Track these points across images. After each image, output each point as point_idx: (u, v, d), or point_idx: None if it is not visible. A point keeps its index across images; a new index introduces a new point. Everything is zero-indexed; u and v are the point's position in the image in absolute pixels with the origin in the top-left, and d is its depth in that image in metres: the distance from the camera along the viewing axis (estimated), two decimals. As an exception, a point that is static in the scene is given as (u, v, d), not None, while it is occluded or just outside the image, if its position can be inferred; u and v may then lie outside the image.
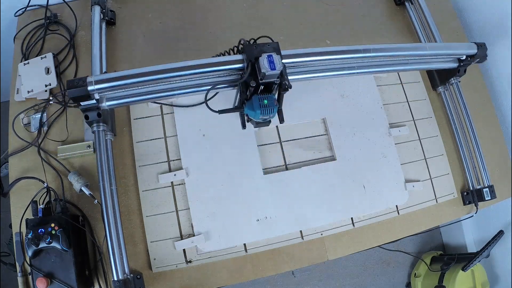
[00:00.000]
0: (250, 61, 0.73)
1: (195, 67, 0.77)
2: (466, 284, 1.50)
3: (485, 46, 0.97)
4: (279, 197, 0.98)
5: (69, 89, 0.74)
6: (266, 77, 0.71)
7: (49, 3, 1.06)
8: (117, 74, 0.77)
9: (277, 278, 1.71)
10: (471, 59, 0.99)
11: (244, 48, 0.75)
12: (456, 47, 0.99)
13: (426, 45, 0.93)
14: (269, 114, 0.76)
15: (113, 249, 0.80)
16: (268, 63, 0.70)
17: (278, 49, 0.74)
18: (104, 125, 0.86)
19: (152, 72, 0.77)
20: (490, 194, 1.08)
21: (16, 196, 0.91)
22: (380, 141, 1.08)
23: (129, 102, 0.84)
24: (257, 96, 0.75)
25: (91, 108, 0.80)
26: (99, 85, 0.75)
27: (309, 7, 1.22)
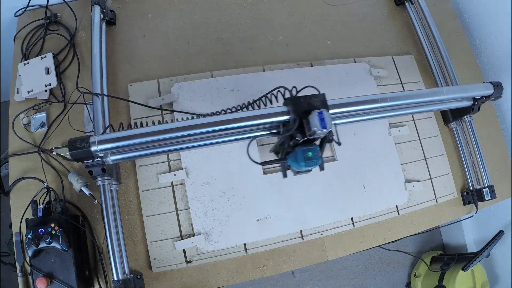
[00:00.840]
0: (298, 116, 0.68)
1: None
2: (466, 284, 1.50)
3: (501, 86, 0.93)
4: (279, 197, 0.98)
5: (71, 151, 0.69)
6: (316, 135, 0.68)
7: (49, 3, 1.06)
8: (123, 134, 0.70)
9: (277, 278, 1.71)
10: (486, 98, 0.96)
11: (291, 101, 0.71)
12: (473, 89, 0.95)
13: (443, 90, 0.86)
14: (313, 166, 0.73)
15: (113, 249, 0.80)
16: (319, 120, 0.66)
17: (325, 102, 0.71)
18: (109, 178, 0.82)
19: (166, 131, 0.69)
20: (490, 194, 1.08)
21: (16, 196, 0.91)
22: (380, 141, 1.08)
23: (137, 156, 0.78)
24: (301, 148, 0.71)
25: (95, 164, 0.75)
26: (103, 145, 0.70)
27: (309, 7, 1.22)
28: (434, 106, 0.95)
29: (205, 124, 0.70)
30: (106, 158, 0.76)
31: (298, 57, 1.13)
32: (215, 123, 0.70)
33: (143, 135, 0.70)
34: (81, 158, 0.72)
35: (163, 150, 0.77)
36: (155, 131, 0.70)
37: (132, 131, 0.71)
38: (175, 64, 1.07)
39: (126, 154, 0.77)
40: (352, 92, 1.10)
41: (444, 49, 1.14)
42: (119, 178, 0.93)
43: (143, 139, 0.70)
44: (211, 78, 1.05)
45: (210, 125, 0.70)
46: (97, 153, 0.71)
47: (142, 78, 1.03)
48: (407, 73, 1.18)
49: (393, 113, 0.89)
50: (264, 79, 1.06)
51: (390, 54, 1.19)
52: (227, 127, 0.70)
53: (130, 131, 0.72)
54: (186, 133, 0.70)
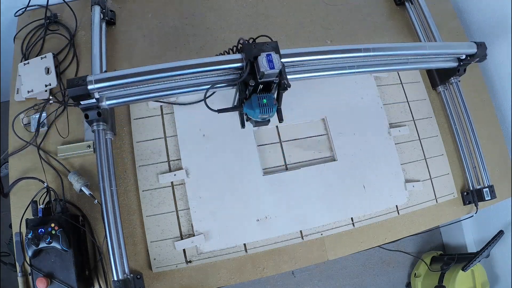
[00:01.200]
0: (249, 60, 0.73)
1: (194, 66, 0.77)
2: (466, 284, 1.50)
3: (484, 45, 0.97)
4: (279, 197, 0.98)
5: (69, 88, 0.74)
6: (265, 76, 0.71)
7: (49, 3, 1.06)
8: (117, 73, 0.77)
9: (277, 278, 1.71)
10: (470, 59, 0.99)
11: (243, 47, 0.76)
12: (456, 47, 0.99)
13: (426, 45, 0.93)
14: (268, 113, 0.76)
15: (113, 249, 0.80)
16: (267, 62, 0.69)
17: (277, 49, 0.74)
18: (104, 124, 0.86)
19: (151, 71, 0.77)
20: (490, 194, 1.08)
21: (16, 196, 0.91)
22: (380, 141, 1.08)
23: (129, 101, 0.84)
24: (256, 95, 0.75)
25: (91, 107, 0.80)
26: (99, 84, 0.75)
27: (310, 7, 1.22)
28: (420, 65, 0.98)
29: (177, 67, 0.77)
30: (102, 103, 0.81)
31: (298, 57, 1.13)
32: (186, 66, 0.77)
33: (137, 74, 0.77)
34: (78, 96, 0.75)
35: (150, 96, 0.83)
36: (144, 71, 0.77)
37: (126, 71, 0.77)
38: (175, 64, 1.07)
39: (121, 99, 0.82)
40: (352, 92, 1.11)
41: (444, 49, 1.14)
42: (114, 128, 0.96)
43: (137, 78, 0.76)
44: (211, 78, 1.05)
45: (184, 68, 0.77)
46: (93, 91, 0.75)
47: (142, 78, 1.03)
48: (407, 73, 1.18)
49: (377, 68, 0.92)
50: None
51: (390, 54, 1.19)
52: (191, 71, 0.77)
53: (124, 70, 0.77)
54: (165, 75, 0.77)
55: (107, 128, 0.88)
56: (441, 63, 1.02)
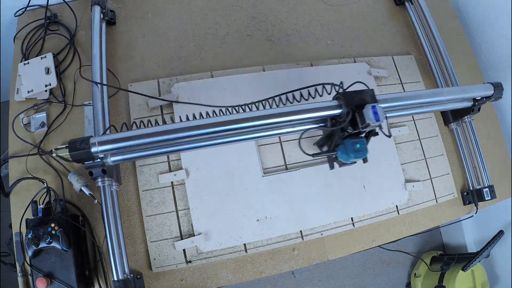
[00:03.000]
0: (352, 109, 0.73)
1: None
2: (466, 284, 1.50)
3: (501, 87, 0.94)
4: (279, 197, 0.98)
5: (71, 152, 0.69)
6: (369, 127, 0.72)
7: (49, 3, 1.06)
8: (123, 135, 0.70)
9: (277, 278, 1.71)
10: (486, 99, 0.96)
11: (343, 96, 0.75)
12: (473, 90, 0.95)
13: (443, 91, 0.88)
14: (361, 157, 0.78)
15: (113, 249, 0.80)
16: (373, 114, 0.70)
17: (374, 97, 0.75)
18: (109, 179, 0.82)
19: (168, 131, 0.69)
20: (490, 194, 1.08)
21: (16, 196, 0.91)
22: (380, 141, 1.07)
23: (138, 157, 0.77)
24: (351, 140, 0.76)
25: (95, 165, 0.75)
26: (103, 146, 0.70)
27: (310, 7, 1.22)
28: (435, 107, 0.95)
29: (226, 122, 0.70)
30: (106, 159, 0.75)
31: (298, 57, 1.13)
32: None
33: (144, 136, 0.70)
34: (81, 159, 0.72)
35: (165, 151, 0.77)
36: (156, 132, 0.70)
37: (132, 132, 0.71)
38: (175, 64, 1.07)
39: (127, 155, 0.77)
40: (352, 92, 1.10)
41: (444, 49, 1.14)
42: (119, 179, 0.93)
43: (143, 140, 0.70)
44: (211, 78, 1.05)
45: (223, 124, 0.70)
46: (97, 154, 0.71)
47: (142, 78, 1.03)
48: (407, 73, 1.18)
49: (393, 114, 0.89)
50: (264, 79, 1.06)
51: (390, 54, 1.19)
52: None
53: (130, 132, 0.72)
54: (189, 134, 0.70)
55: (112, 181, 0.84)
56: (456, 104, 0.98)
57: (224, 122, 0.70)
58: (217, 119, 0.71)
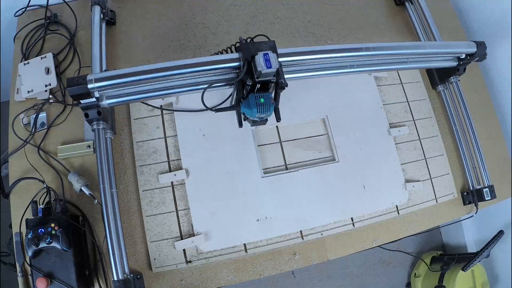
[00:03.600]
0: (247, 59, 0.73)
1: (191, 65, 0.77)
2: (466, 284, 1.50)
3: (484, 45, 0.97)
4: (279, 197, 0.98)
5: (69, 87, 0.74)
6: (262, 76, 0.71)
7: (49, 3, 1.06)
8: (117, 72, 0.77)
9: (277, 278, 1.71)
10: (470, 58, 0.99)
11: (241, 46, 0.75)
12: (456, 46, 0.99)
13: (425, 44, 0.93)
14: (265, 112, 0.76)
15: (113, 249, 0.80)
16: (264, 61, 0.69)
17: (275, 48, 0.74)
18: (104, 123, 0.87)
19: (150, 70, 0.76)
20: (490, 194, 1.08)
21: (16, 196, 0.91)
22: (380, 141, 1.08)
23: (129, 100, 0.84)
24: (254, 94, 0.75)
25: (91, 106, 0.80)
26: (99, 83, 0.75)
27: (309, 7, 1.22)
28: (419, 64, 0.98)
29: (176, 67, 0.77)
30: (102, 102, 0.80)
31: (298, 57, 1.13)
32: (184, 66, 0.77)
33: (137, 73, 0.76)
34: (78, 95, 0.76)
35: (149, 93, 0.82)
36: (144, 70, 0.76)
37: (126, 70, 0.77)
38: (175, 64, 1.07)
39: (121, 98, 0.82)
40: (352, 92, 1.11)
41: (444, 49, 1.14)
42: (114, 127, 0.96)
43: (137, 77, 0.76)
44: (211, 78, 1.05)
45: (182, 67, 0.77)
46: (94, 90, 0.75)
47: (142, 78, 1.03)
48: (407, 73, 1.18)
49: (377, 67, 0.92)
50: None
51: (390, 54, 1.19)
52: (188, 70, 0.77)
53: (124, 69, 0.77)
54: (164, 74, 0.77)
55: (107, 127, 0.88)
56: (441, 62, 1.02)
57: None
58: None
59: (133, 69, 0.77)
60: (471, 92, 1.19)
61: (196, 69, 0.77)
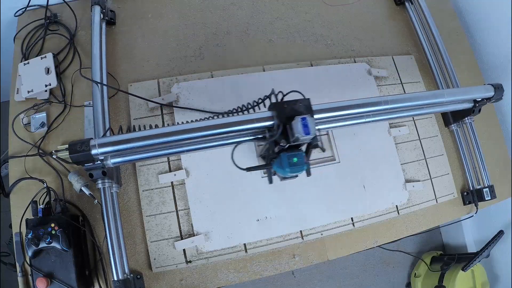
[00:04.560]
0: (282, 122, 0.68)
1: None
2: (466, 284, 1.50)
3: (501, 88, 0.93)
4: (279, 197, 0.98)
5: (71, 154, 0.70)
6: (299, 141, 0.67)
7: (49, 3, 1.06)
8: (123, 137, 0.72)
9: (277, 278, 1.71)
10: (487, 101, 0.95)
11: (274, 107, 0.71)
12: (473, 91, 0.94)
13: (444, 92, 0.87)
14: (298, 171, 0.72)
15: (113, 249, 0.80)
16: (302, 126, 0.65)
17: (310, 107, 0.70)
18: (110, 181, 0.83)
19: (162, 134, 0.71)
20: (490, 194, 1.08)
21: (16, 196, 0.91)
22: (380, 141, 1.08)
23: (137, 159, 0.78)
24: (286, 154, 0.70)
25: (95, 167, 0.75)
26: (103, 148, 0.71)
27: (309, 7, 1.22)
28: (435, 109, 0.95)
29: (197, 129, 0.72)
30: (107, 161, 0.76)
31: (298, 57, 1.13)
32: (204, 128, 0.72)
33: (144, 138, 0.71)
34: (81, 161, 0.72)
35: (165, 153, 0.77)
36: (153, 135, 0.71)
37: (131, 135, 0.72)
38: (175, 64, 1.07)
39: (126, 157, 0.77)
40: (352, 92, 1.11)
41: (444, 49, 1.14)
42: (120, 180, 0.93)
43: (143, 142, 0.71)
44: (211, 78, 1.05)
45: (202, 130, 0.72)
46: (98, 156, 0.71)
47: (142, 78, 1.03)
48: (407, 73, 1.18)
49: (393, 115, 0.88)
50: (264, 79, 1.06)
51: (390, 54, 1.19)
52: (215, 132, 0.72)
53: (130, 134, 0.72)
54: (181, 137, 0.72)
55: (112, 183, 0.85)
56: (457, 105, 0.97)
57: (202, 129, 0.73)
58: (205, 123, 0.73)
59: (142, 133, 0.71)
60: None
61: (221, 131, 0.72)
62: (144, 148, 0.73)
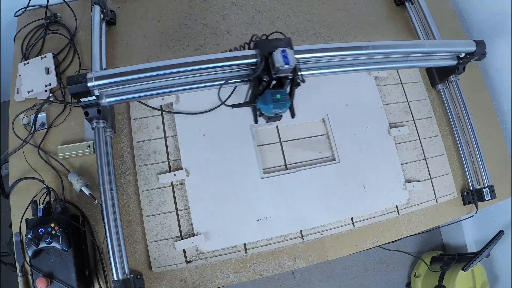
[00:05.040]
0: (264, 55, 0.73)
1: (206, 62, 0.76)
2: (466, 284, 1.50)
3: (483, 43, 0.96)
4: (279, 197, 0.98)
5: (69, 85, 0.74)
6: (279, 72, 0.71)
7: (49, 3, 1.06)
8: (118, 70, 0.76)
9: (277, 278, 1.71)
10: (470, 57, 0.98)
11: (257, 43, 0.76)
12: (455, 44, 0.99)
13: (425, 42, 0.92)
14: (281, 108, 0.76)
15: (113, 249, 0.80)
16: (282, 57, 0.69)
17: (291, 45, 0.74)
18: (104, 122, 0.86)
19: (156, 68, 0.75)
20: (490, 194, 1.08)
21: (16, 196, 0.91)
22: (380, 141, 1.08)
23: (130, 98, 0.83)
24: (270, 91, 0.75)
25: (91, 104, 0.80)
26: (99, 81, 0.75)
27: (309, 7, 1.22)
28: (419, 63, 0.97)
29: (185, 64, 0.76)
30: (102, 100, 0.80)
31: (298, 57, 1.13)
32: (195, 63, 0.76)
33: (137, 71, 0.75)
34: (78, 94, 0.75)
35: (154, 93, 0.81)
36: (147, 68, 0.75)
37: (126, 68, 0.76)
38: (175, 64, 1.07)
39: (121, 96, 0.81)
40: (352, 92, 1.11)
41: (444, 49, 1.14)
42: (114, 126, 0.96)
43: (137, 75, 0.75)
44: (211, 78, 1.05)
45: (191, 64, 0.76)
46: (94, 88, 0.75)
47: (142, 78, 1.03)
48: (407, 73, 1.18)
49: (376, 66, 0.91)
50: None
51: (390, 54, 1.19)
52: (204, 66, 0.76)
53: (125, 68, 0.76)
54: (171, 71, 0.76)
55: (107, 125, 0.88)
56: (440, 61, 1.02)
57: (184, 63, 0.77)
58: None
59: (136, 66, 0.76)
60: (471, 92, 1.19)
61: (210, 66, 0.76)
62: (139, 81, 0.77)
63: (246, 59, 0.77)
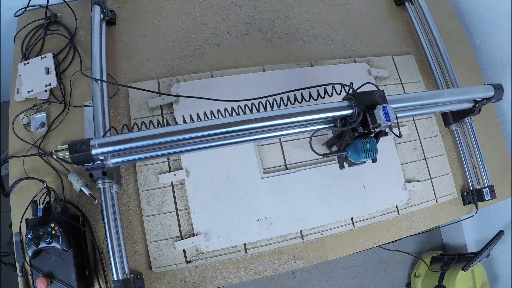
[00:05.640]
0: (363, 110, 0.74)
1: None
2: (466, 284, 1.50)
3: (501, 88, 0.94)
4: (279, 197, 0.98)
5: (71, 154, 0.69)
6: (380, 127, 0.73)
7: (49, 3, 1.06)
8: (123, 137, 0.70)
9: (277, 278, 1.71)
10: (487, 101, 0.96)
11: (354, 96, 0.77)
12: (474, 92, 0.95)
13: (444, 92, 0.89)
14: (371, 157, 0.79)
15: (113, 249, 0.80)
16: (384, 114, 0.72)
17: (384, 98, 0.76)
18: (110, 181, 0.83)
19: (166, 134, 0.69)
20: (490, 194, 1.08)
21: (16, 196, 0.91)
22: (380, 141, 1.08)
23: (137, 159, 0.77)
24: (361, 140, 0.78)
25: (95, 167, 0.75)
26: (103, 148, 0.70)
27: (309, 7, 1.22)
28: (435, 108, 0.95)
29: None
30: (107, 161, 0.75)
31: (298, 57, 1.13)
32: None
33: (144, 138, 0.70)
34: (81, 161, 0.71)
35: (166, 153, 0.77)
36: (157, 134, 0.70)
37: (132, 134, 0.71)
38: (175, 64, 1.07)
39: (127, 157, 0.76)
40: (352, 92, 1.10)
41: (444, 49, 1.14)
42: (120, 180, 0.93)
43: (144, 142, 0.70)
44: (211, 78, 1.05)
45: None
46: (97, 156, 0.71)
47: (142, 78, 1.03)
48: (407, 73, 1.18)
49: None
50: (264, 79, 1.06)
51: (390, 54, 1.19)
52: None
53: (131, 134, 0.71)
54: (191, 135, 0.70)
55: (112, 183, 0.84)
56: (457, 105, 0.98)
57: (227, 124, 0.70)
58: (219, 121, 0.71)
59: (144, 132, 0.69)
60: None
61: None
62: (145, 148, 0.72)
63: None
